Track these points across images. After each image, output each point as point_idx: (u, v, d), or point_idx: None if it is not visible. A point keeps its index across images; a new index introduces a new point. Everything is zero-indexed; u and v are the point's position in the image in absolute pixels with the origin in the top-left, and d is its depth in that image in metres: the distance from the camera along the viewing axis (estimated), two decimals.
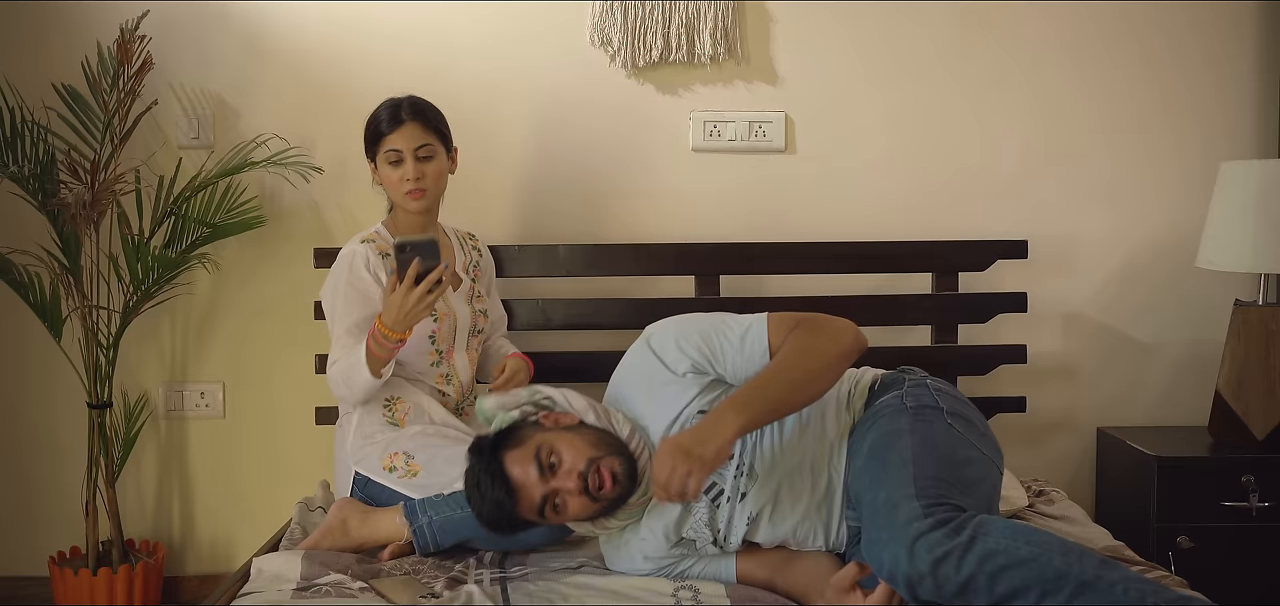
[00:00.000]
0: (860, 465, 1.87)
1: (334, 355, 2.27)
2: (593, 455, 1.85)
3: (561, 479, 1.85)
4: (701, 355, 1.94)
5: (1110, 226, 2.94)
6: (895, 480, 1.73)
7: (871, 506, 1.74)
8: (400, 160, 2.33)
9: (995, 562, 1.57)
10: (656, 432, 1.93)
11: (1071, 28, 2.89)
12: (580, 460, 1.85)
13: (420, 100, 2.38)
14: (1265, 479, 2.55)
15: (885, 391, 2.01)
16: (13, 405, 2.93)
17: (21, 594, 2.93)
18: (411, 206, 2.36)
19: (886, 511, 1.68)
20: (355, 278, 2.29)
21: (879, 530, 1.67)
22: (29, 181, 2.65)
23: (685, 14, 2.81)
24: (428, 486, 2.18)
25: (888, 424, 1.89)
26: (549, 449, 1.86)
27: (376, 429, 2.30)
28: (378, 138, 2.35)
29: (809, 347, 1.84)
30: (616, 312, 2.77)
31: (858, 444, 1.93)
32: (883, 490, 1.73)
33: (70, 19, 2.80)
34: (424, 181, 2.33)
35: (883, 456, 1.81)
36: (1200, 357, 2.92)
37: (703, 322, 1.98)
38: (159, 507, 2.97)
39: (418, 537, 2.13)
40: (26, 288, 2.70)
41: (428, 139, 2.35)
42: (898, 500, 1.68)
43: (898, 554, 1.61)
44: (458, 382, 2.39)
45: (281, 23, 2.83)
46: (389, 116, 2.34)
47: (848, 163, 2.91)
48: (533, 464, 1.85)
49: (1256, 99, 2.92)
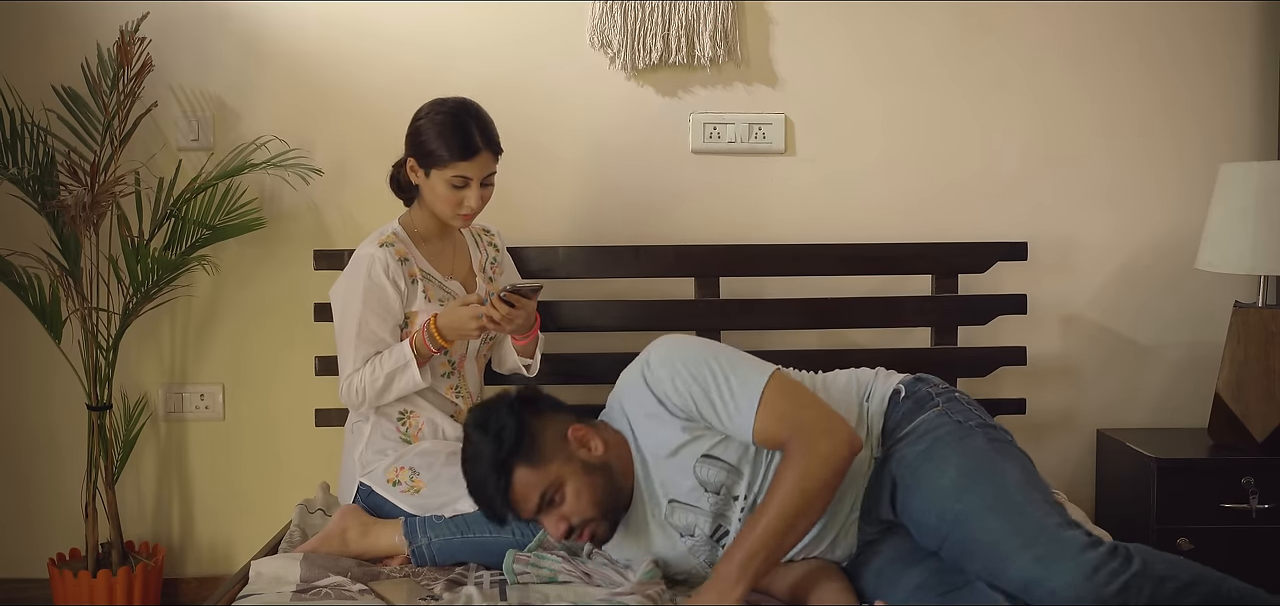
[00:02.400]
0: (949, 485, 1.80)
1: (353, 362, 2.24)
2: (589, 517, 1.86)
3: (553, 517, 1.86)
4: (692, 401, 1.86)
5: (1110, 228, 2.94)
6: (1026, 504, 1.73)
7: (1003, 531, 1.72)
8: (465, 185, 2.25)
9: (1169, 587, 1.64)
10: (649, 451, 1.91)
11: (1071, 29, 2.89)
12: (577, 513, 1.85)
13: (485, 118, 2.29)
14: (1265, 481, 2.55)
15: (919, 407, 1.95)
16: (12, 407, 2.93)
17: (21, 595, 2.93)
18: (459, 225, 2.33)
19: (1044, 537, 1.68)
20: (373, 284, 2.25)
21: (1040, 554, 1.66)
22: (29, 183, 2.65)
23: (685, 16, 2.81)
24: (429, 504, 2.17)
25: (961, 443, 1.85)
26: (558, 488, 1.84)
27: (389, 443, 2.29)
28: (440, 158, 2.23)
29: (802, 486, 1.76)
30: (616, 314, 2.77)
31: (919, 464, 1.86)
32: (1013, 517, 1.72)
33: (70, 20, 2.80)
34: (481, 207, 2.29)
35: (991, 480, 1.78)
36: (1200, 359, 2.92)
37: (701, 364, 1.88)
38: (158, 509, 2.97)
39: (416, 557, 2.13)
40: (26, 289, 2.70)
41: (494, 166, 2.29)
42: (1049, 525, 1.70)
43: (1074, 580, 1.62)
44: (467, 393, 2.38)
45: (281, 25, 2.83)
46: (461, 143, 2.22)
47: (847, 164, 2.91)
48: (538, 493, 1.84)
49: (1256, 100, 2.92)
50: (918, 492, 1.85)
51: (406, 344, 2.23)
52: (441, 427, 2.32)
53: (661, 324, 2.75)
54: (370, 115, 2.80)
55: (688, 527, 1.92)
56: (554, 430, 1.89)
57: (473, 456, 1.88)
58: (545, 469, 1.84)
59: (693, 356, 1.90)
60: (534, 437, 1.86)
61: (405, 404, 2.31)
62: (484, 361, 2.46)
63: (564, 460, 1.86)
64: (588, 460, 1.88)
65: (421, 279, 2.31)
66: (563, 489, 1.84)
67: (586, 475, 1.86)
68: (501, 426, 1.85)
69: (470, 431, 1.90)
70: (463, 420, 2.34)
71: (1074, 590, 1.61)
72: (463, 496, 2.12)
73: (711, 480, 1.88)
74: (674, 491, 1.90)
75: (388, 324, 2.27)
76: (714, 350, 1.92)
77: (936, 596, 1.74)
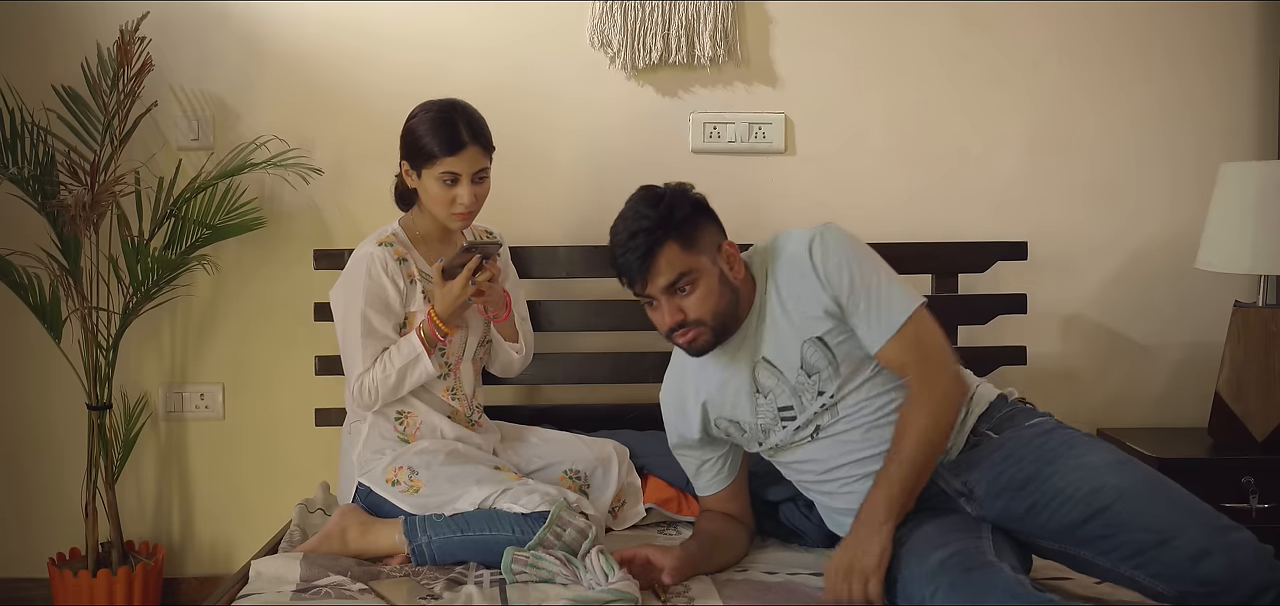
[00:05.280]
0: (1102, 463, 1.84)
1: (362, 361, 2.25)
2: (703, 320, 1.95)
3: (671, 305, 1.95)
4: (846, 290, 1.94)
5: (1110, 228, 2.94)
6: (1183, 489, 1.80)
7: (1172, 505, 1.76)
8: (456, 182, 2.27)
9: None
10: (777, 304, 1.99)
11: (1071, 29, 2.89)
12: (696, 311, 1.94)
13: (474, 114, 2.31)
14: (1265, 480, 2.55)
15: (1032, 414, 2.02)
16: (12, 406, 2.93)
17: (21, 595, 2.93)
18: (456, 225, 2.33)
19: (1211, 515, 1.74)
20: (373, 281, 2.26)
21: (1216, 526, 1.71)
22: (29, 183, 2.65)
23: (685, 15, 2.81)
24: (428, 503, 2.17)
25: (1100, 449, 1.90)
26: (693, 280, 1.93)
27: (386, 443, 2.29)
28: (430, 155, 2.25)
29: (935, 417, 1.88)
30: (617, 314, 2.77)
31: (1053, 444, 1.90)
32: (1179, 495, 1.78)
33: (70, 20, 2.80)
34: (476, 204, 2.30)
35: (1165, 488, 1.82)
36: (1200, 359, 2.92)
37: (866, 263, 1.97)
38: (158, 509, 2.97)
39: (415, 556, 2.13)
40: (26, 289, 2.70)
41: (486, 161, 2.30)
42: (1210, 509, 1.76)
43: (1250, 552, 1.67)
44: (463, 394, 2.38)
45: (281, 24, 2.83)
46: (448, 137, 2.24)
47: (847, 164, 2.91)
48: (676, 273, 1.92)
49: (1256, 100, 2.92)
50: (1062, 464, 1.86)
51: (414, 336, 2.24)
52: (439, 428, 2.32)
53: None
54: (370, 115, 2.80)
55: (766, 389, 2.01)
56: (712, 233, 2.00)
57: (630, 215, 1.96)
58: (692, 256, 1.94)
59: (860, 253, 1.99)
60: (696, 226, 1.96)
61: (402, 404, 2.31)
62: (480, 365, 2.46)
63: (709, 261, 1.96)
64: (726, 274, 1.97)
65: (419, 279, 2.31)
66: (696, 283, 1.94)
67: (720, 285, 1.96)
68: (675, 202, 1.95)
69: (636, 199, 1.98)
70: (460, 420, 2.35)
71: (1251, 556, 1.66)
72: (462, 496, 2.13)
73: (811, 362, 1.96)
74: (773, 351, 1.99)
75: (390, 321, 2.28)
76: (878, 259, 2.01)
77: (958, 574, 1.74)
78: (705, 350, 2.00)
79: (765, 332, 2.01)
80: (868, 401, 1.97)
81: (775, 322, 1.99)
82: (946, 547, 1.77)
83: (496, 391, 2.79)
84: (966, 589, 1.68)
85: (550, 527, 2.01)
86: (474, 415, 2.40)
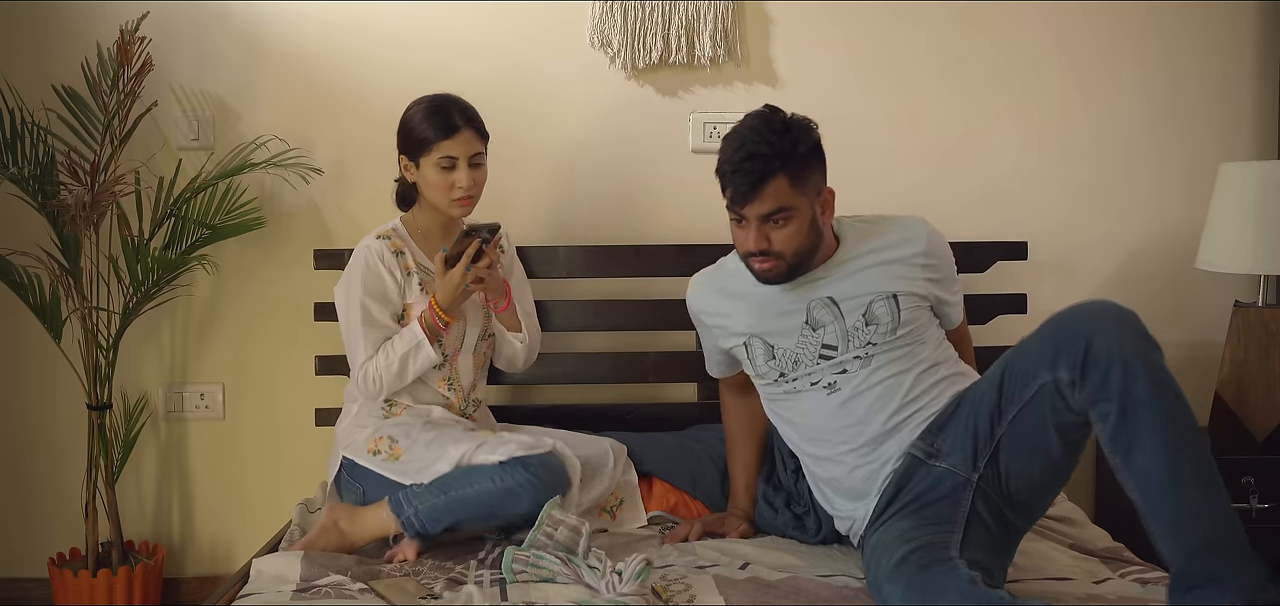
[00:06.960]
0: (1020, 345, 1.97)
1: (364, 350, 2.29)
2: (785, 255, 2.01)
3: (760, 231, 1.99)
4: (946, 274, 2.15)
5: (1110, 227, 2.94)
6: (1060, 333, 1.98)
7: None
8: (453, 166, 2.31)
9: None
10: (870, 251, 2.10)
11: (1070, 29, 2.89)
12: (781, 243, 2.00)
13: (465, 102, 2.36)
14: (1265, 480, 2.55)
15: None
16: (13, 406, 2.93)
17: (21, 595, 2.93)
18: (457, 212, 2.36)
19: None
20: (371, 272, 2.31)
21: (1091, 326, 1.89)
22: (29, 183, 2.65)
23: (685, 15, 2.81)
24: (408, 470, 2.20)
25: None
26: (789, 216, 1.98)
27: (370, 419, 2.33)
28: (425, 142, 2.30)
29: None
30: (617, 314, 2.77)
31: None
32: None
33: (70, 20, 2.80)
34: (475, 189, 2.34)
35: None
36: (1200, 359, 2.92)
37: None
38: (159, 509, 2.97)
39: (407, 528, 2.15)
40: (26, 289, 2.70)
41: (480, 146, 2.35)
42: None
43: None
44: (459, 387, 2.39)
45: (281, 24, 2.84)
46: (442, 122, 2.30)
47: (847, 164, 2.88)
48: (777, 204, 1.96)
49: (1255, 100, 2.92)
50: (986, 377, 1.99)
51: (416, 324, 2.28)
52: (429, 417, 2.35)
53: (662, 323, 2.76)
54: (370, 115, 2.80)
55: (818, 323, 2.07)
56: (818, 177, 2.04)
57: (749, 135, 1.97)
58: (796, 194, 1.98)
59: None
60: (809, 166, 2.01)
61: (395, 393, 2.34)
62: (482, 361, 2.46)
63: (808, 203, 2.01)
64: (816, 219, 2.03)
65: (417, 272, 2.34)
66: (791, 220, 1.98)
67: (810, 227, 2.02)
68: (799, 137, 1.99)
69: (759, 118, 2.00)
70: (453, 412, 2.36)
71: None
72: (440, 458, 2.16)
73: (876, 314, 2.04)
74: (842, 292, 2.07)
75: (387, 311, 2.32)
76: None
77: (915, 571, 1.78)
78: (775, 282, 2.06)
79: (837, 277, 2.08)
80: (891, 375, 2.02)
81: (854, 273, 2.07)
82: (910, 544, 1.81)
83: (497, 391, 2.80)
84: (922, 588, 1.72)
85: (541, 529, 2.01)
86: (469, 408, 2.41)
